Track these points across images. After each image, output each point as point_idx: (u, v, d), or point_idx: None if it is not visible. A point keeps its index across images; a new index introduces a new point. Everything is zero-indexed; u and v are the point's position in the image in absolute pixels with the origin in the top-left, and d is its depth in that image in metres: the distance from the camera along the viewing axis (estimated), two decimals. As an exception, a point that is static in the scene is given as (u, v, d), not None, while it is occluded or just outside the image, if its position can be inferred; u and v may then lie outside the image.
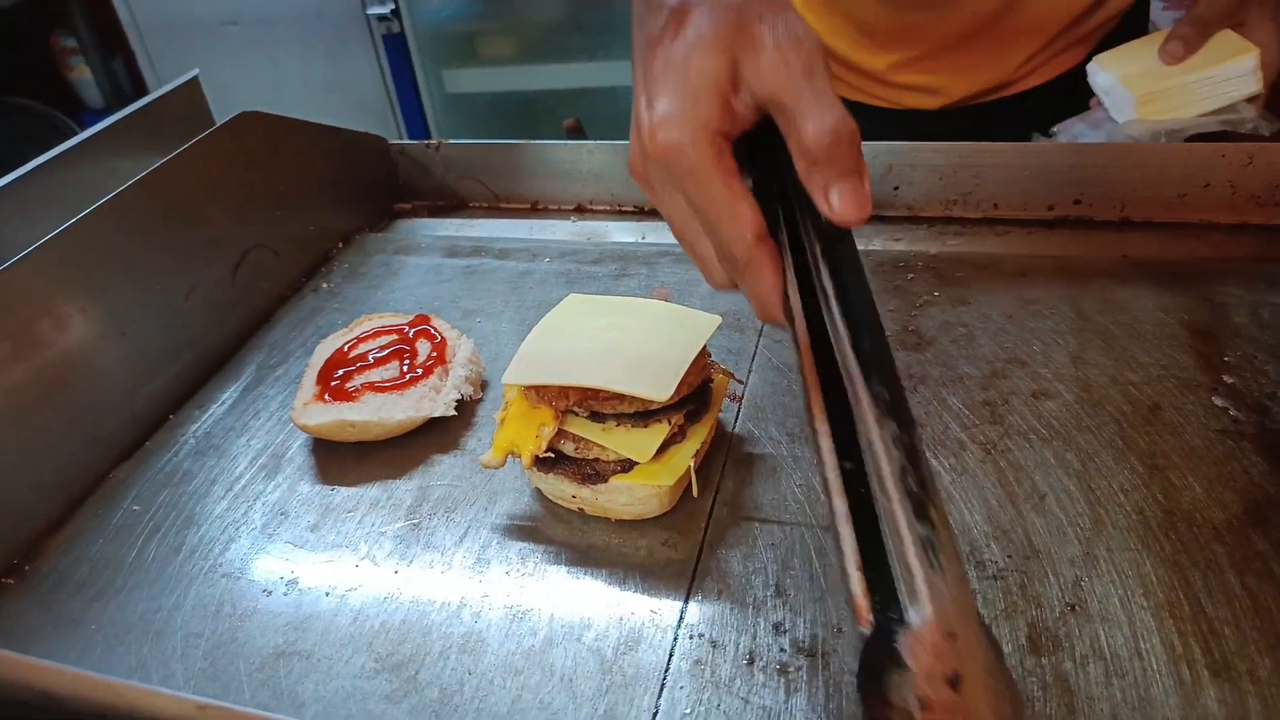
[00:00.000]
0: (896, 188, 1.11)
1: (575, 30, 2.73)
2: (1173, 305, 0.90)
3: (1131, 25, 1.24)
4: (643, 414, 0.72)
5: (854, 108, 1.29)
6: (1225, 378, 0.81)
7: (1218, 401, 0.78)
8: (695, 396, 0.75)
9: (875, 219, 1.12)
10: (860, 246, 1.05)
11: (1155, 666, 0.59)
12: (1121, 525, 0.69)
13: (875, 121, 1.28)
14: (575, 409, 0.73)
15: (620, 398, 0.71)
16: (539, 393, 0.74)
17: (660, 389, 0.69)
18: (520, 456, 0.74)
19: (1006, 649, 0.61)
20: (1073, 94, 1.19)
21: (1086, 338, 0.87)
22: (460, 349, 0.91)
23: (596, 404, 0.72)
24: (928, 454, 0.77)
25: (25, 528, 0.79)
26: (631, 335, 0.75)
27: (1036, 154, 1.05)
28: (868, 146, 1.08)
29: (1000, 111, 1.25)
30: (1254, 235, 1.00)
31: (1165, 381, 0.81)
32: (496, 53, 2.81)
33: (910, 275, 0.99)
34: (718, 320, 0.77)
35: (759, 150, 0.55)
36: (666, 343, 0.74)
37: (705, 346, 0.76)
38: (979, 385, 0.83)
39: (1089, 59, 1.13)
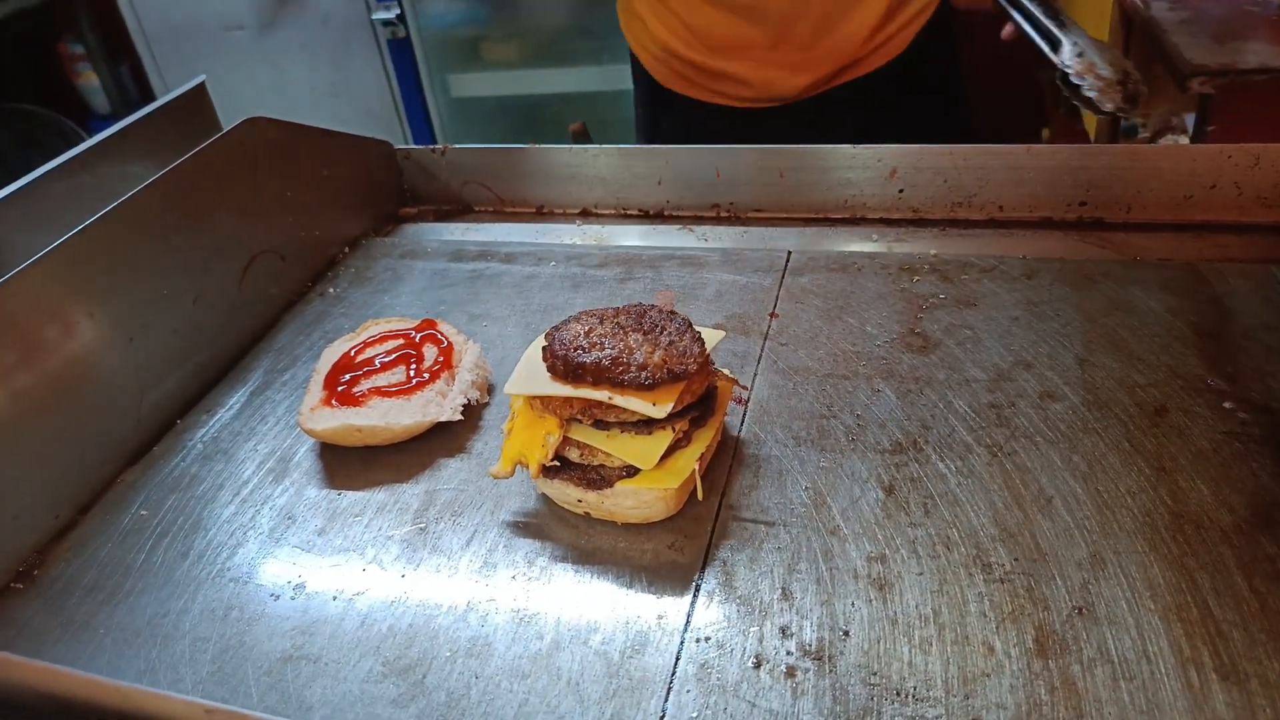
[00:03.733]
0: (901, 190, 1.11)
1: (580, 34, 2.73)
2: (1179, 307, 0.89)
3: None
4: (647, 421, 0.72)
5: (699, 107, 1.39)
6: (1233, 380, 0.80)
7: (1225, 404, 0.78)
8: (700, 403, 0.75)
9: (880, 221, 1.12)
10: (865, 248, 1.06)
11: (1163, 670, 0.59)
12: (1129, 528, 0.69)
13: (718, 118, 1.39)
14: (579, 417, 0.73)
15: (624, 407, 0.71)
16: (544, 402, 0.74)
17: (657, 409, 0.70)
18: (528, 466, 0.74)
19: (1014, 652, 0.61)
20: (906, 77, 1.34)
21: (1093, 340, 0.87)
22: (466, 353, 0.91)
23: (600, 412, 0.72)
24: (933, 456, 0.77)
25: (33, 533, 0.80)
26: None
27: (1041, 156, 1.05)
28: (870, 150, 1.09)
29: (838, 99, 1.35)
30: (1261, 235, 1.00)
31: (1172, 383, 0.81)
32: (502, 57, 2.82)
33: (916, 278, 0.99)
34: (721, 335, 0.78)
35: None
36: None
37: (709, 354, 0.76)
38: (985, 388, 0.83)
39: (915, 43, 1.30)
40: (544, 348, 0.75)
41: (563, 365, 0.72)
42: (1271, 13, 1.88)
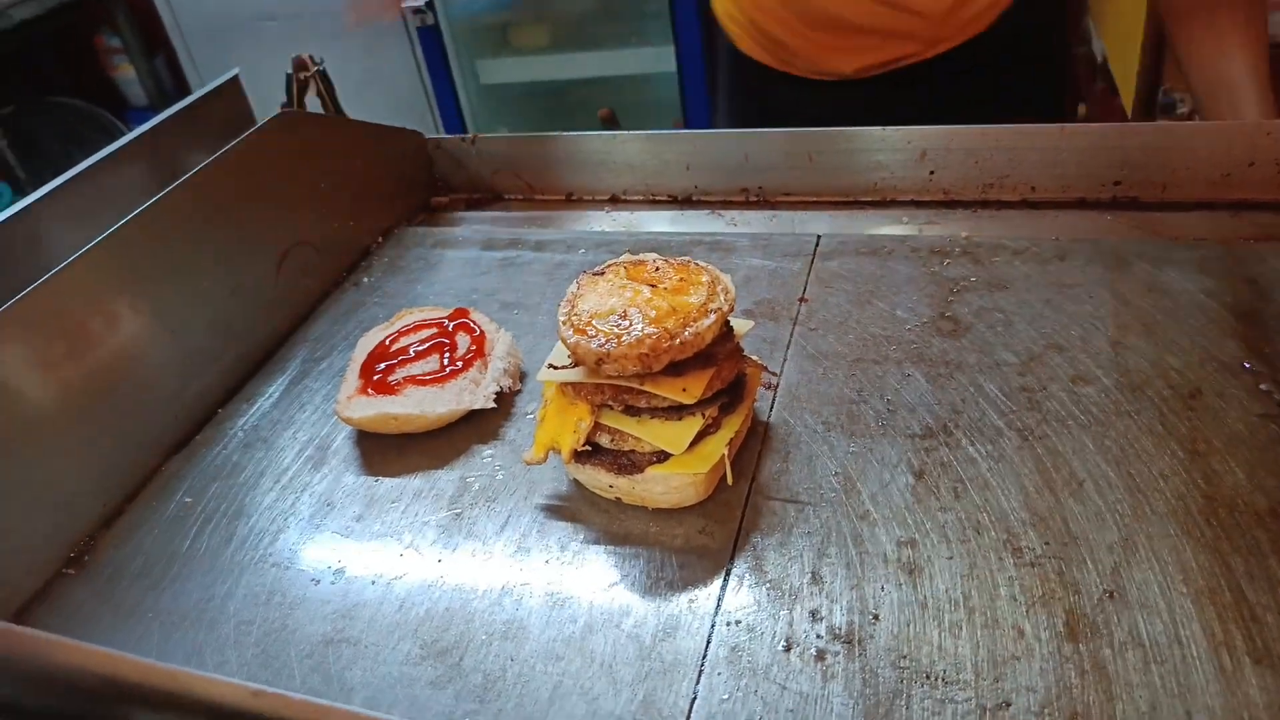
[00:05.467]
0: (932, 172, 1.10)
1: (607, 18, 2.73)
2: (1215, 288, 0.88)
3: None
4: (677, 407, 0.72)
5: (781, 78, 1.31)
6: (1269, 361, 0.79)
7: (1261, 386, 0.77)
8: (729, 389, 0.76)
9: (910, 204, 1.11)
10: (895, 231, 1.06)
11: (1195, 653, 0.59)
12: (1161, 511, 0.68)
13: (799, 91, 1.31)
14: (611, 404, 0.74)
15: (653, 393, 0.71)
16: (575, 389, 0.75)
17: (687, 391, 0.70)
18: (560, 451, 0.75)
19: (1044, 635, 0.62)
20: (982, 62, 1.22)
21: (1126, 322, 0.86)
22: (499, 341, 0.92)
23: (631, 399, 0.73)
24: (964, 441, 0.77)
25: (83, 521, 0.82)
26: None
27: (1074, 136, 1.04)
28: (899, 132, 1.08)
29: (908, 78, 1.25)
30: (1300, 214, 0.98)
31: (1206, 366, 0.80)
32: (529, 42, 2.82)
33: (946, 260, 0.98)
34: (750, 324, 0.79)
35: None
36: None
37: (738, 342, 0.77)
38: (1016, 371, 0.83)
39: (998, 24, 1.18)
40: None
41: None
42: (1314, -18, 1.83)
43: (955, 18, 1.20)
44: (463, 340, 0.92)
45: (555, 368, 0.77)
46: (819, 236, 1.06)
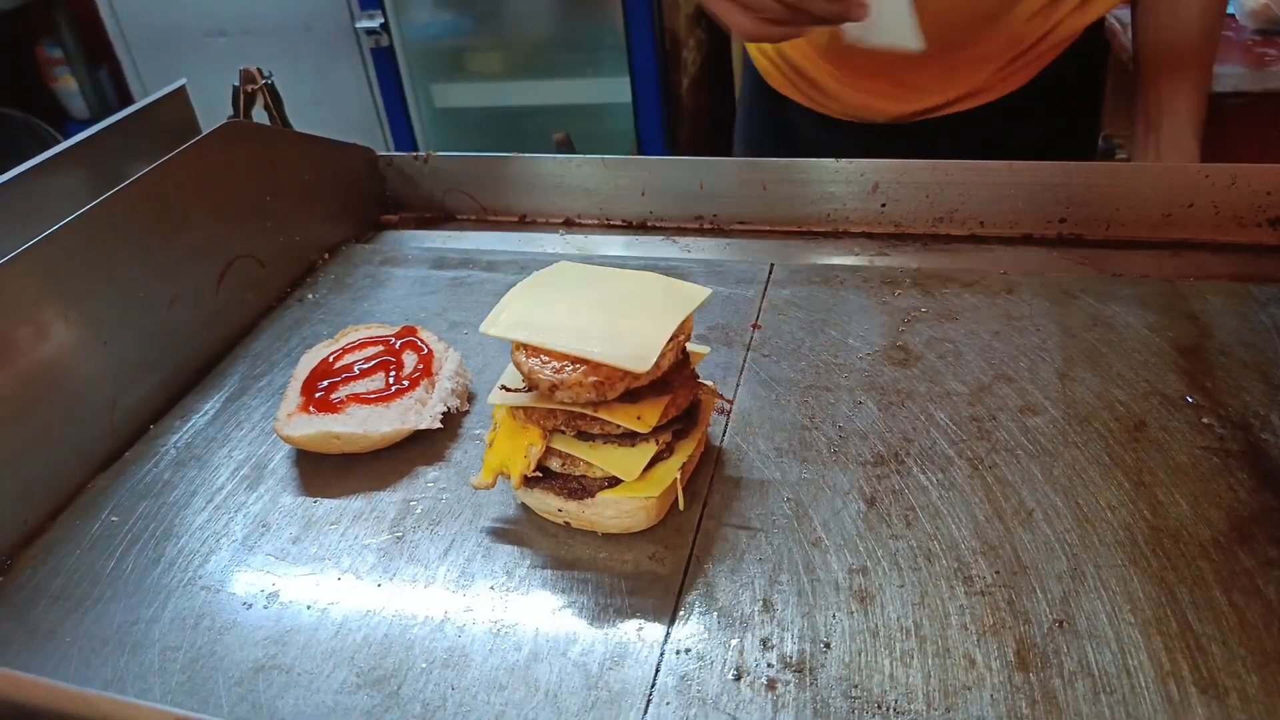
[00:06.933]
0: (884, 204, 1.11)
1: (564, 47, 2.74)
2: (1158, 323, 0.90)
3: (1091, 39, 1.27)
4: (630, 433, 0.71)
5: (808, 115, 1.32)
6: (1210, 395, 0.81)
7: (1203, 419, 0.78)
8: (683, 416, 0.75)
9: (862, 235, 1.12)
10: (847, 261, 1.06)
11: (1143, 683, 0.59)
12: (1109, 541, 0.69)
13: (830, 132, 1.31)
14: (563, 428, 0.72)
15: (607, 420, 0.70)
16: (527, 414, 0.73)
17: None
18: (510, 477, 0.73)
19: (995, 665, 0.61)
20: (1022, 112, 1.24)
21: (1073, 355, 0.87)
22: (447, 361, 0.90)
23: (584, 424, 0.71)
24: (915, 469, 0.77)
25: (1, 537, 0.78)
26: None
27: (1022, 173, 1.06)
28: (853, 164, 1.09)
29: (950, 126, 1.26)
30: (1238, 254, 1.01)
31: (1151, 398, 0.81)
32: (485, 68, 2.82)
33: (897, 291, 0.99)
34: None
35: None
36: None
37: (694, 369, 0.76)
38: (966, 401, 0.83)
39: (1041, 77, 1.19)
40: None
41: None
42: (1246, 38, 1.92)
43: (1005, 70, 1.21)
44: (409, 359, 0.90)
45: (507, 389, 0.75)
46: (772, 264, 1.06)
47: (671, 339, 0.70)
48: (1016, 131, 1.27)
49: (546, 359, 0.70)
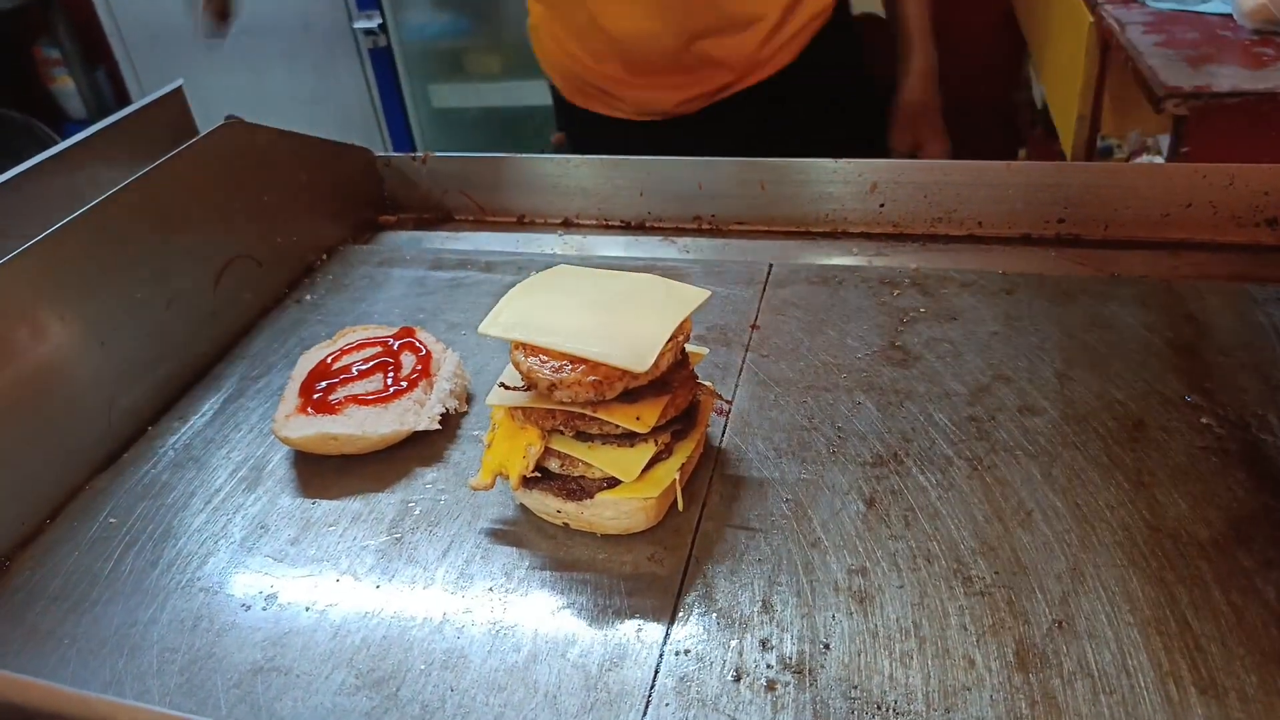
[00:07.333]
0: (882, 205, 1.11)
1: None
2: (1157, 323, 0.90)
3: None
4: (629, 433, 0.71)
5: (598, 120, 1.43)
6: (1209, 395, 0.81)
7: (1202, 419, 0.78)
8: (682, 416, 0.75)
9: (860, 235, 1.12)
10: (845, 261, 1.07)
11: (1142, 684, 0.59)
12: (1108, 542, 0.69)
13: (616, 131, 1.44)
14: (562, 429, 0.72)
15: (606, 420, 0.70)
16: (525, 414, 0.73)
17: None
18: (508, 477, 0.73)
19: (994, 666, 0.61)
20: (795, 88, 1.37)
21: (1071, 355, 0.87)
22: (445, 362, 0.90)
23: (583, 424, 0.71)
24: (914, 469, 0.76)
25: (-2, 540, 0.78)
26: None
27: (1021, 173, 1.06)
28: (851, 164, 1.09)
29: (724, 112, 1.37)
30: (1236, 254, 1.01)
31: (1150, 398, 0.81)
32: (483, 68, 2.82)
33: (896, 291, 0.99)
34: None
35: None
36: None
37: (693, 369, 0.76)
38: (965, 401, 0.83)
39: (800, 59, 1.34)
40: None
41: None
42: (1243, 37, 1.91)
43: (759, 53, 1.33)
44: (408, 360, 0.90)
45: (506, 387, 0.75)
46: (771, 264, 1.06)
47: (670, 339, 0.70)
48: (793, 110, 1.39)
49: (545, 359, 0.70)
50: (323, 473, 0.83)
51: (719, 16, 1.29)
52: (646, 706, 0.61)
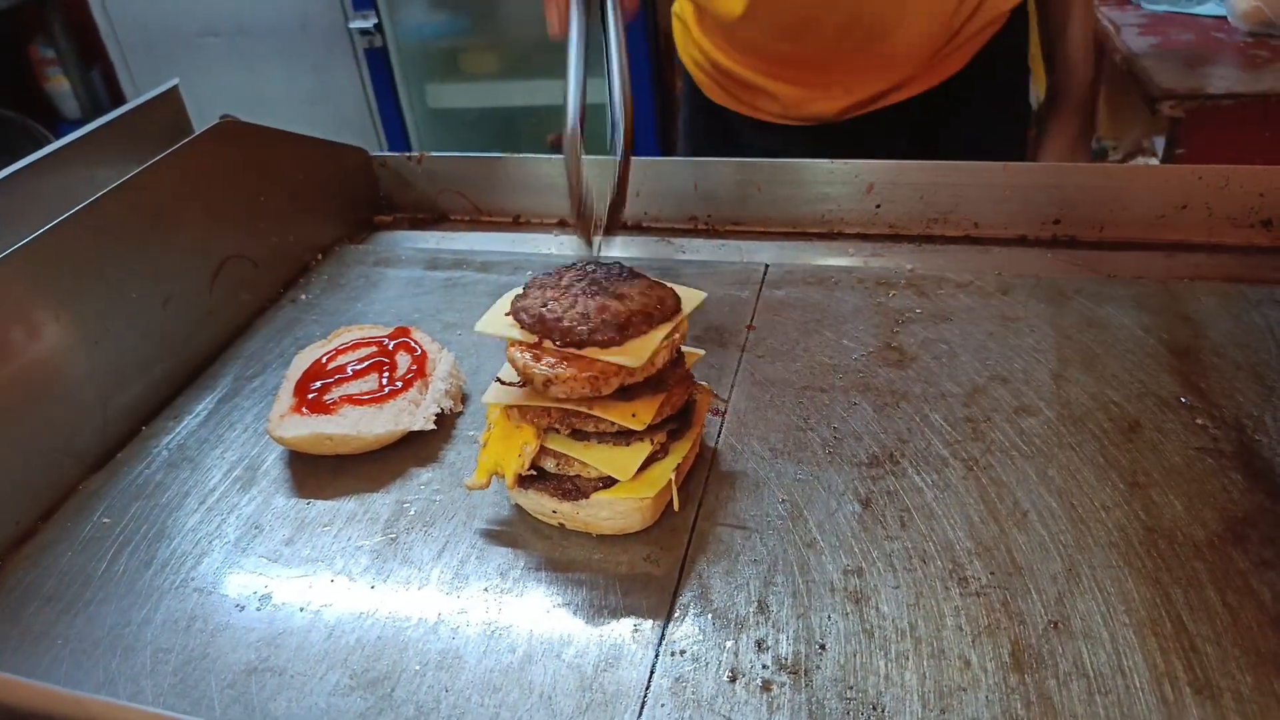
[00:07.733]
0: (878, 206, 1.11)
1: (558, 47, 2.73)
2: (1152, 324, 0.90)
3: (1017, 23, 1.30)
4: (625, 432, 0.71)
5: (748, 123, 1.34)
6: (1204, 396, 0.81)
7: (1197, 420, 0.79)
8: (678, 415, 0.75)
9: (856, 236, 1.12)
10: (841, 262, 1.06)
11: (1138, 684, 0.59)
12: (1103, 542, 0.69)
13: (770, 138, 1.34)
14: (557, 427, 0.72)
15: (601, 417, 0.70)
16: (521, 412, 0.73)
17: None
18: (504, 476, 0.73)
19: (990, 666, 0.61)
20: (957, 100, 1.27)
21: (1067, 355, 0.87)
22: (440, 362, 0.90)
23: (579, 422, 0.71)
24: (910, 470, 0.76)
25: (-9, 540, 0.77)
26: None
27: (1016, 174, 1.06)
28: (847, 165, 1.09)
29: (885, 119, 1.29)
30: (1230, 255, 1.01)
31: (1145, 399, 0.81)
32: (479, 68, 2.81)
33: (892, 292, 0.99)
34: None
35: None
36: None
37: (689, 368, 0.76)
38: (961, 402, 0.83)
39: (971, 65, 1.23)
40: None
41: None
42: (1238, 40, 1.92)
43: (934, 56, 1.24)
44: (403, 360, 0.90)
45: (503, 383, 0.75)
46: (767, 265, 1.06)
47: (666, 337, 0.70)
48: (952, 121, 1.30)
49: (541, 355, 0.69)
50: (317, 473, 0.83)
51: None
52: (642, 707, 0.61)
